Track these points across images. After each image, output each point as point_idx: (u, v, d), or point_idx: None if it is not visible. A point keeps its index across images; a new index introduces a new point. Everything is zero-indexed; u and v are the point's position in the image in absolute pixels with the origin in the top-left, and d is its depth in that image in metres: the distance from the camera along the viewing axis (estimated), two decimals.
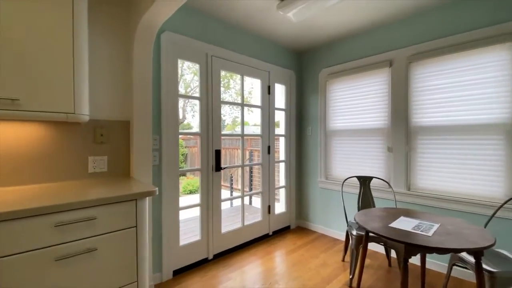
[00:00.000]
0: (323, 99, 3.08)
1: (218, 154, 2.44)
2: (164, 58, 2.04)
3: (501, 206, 1.73)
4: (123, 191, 1.31)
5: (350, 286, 1.98)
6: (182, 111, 10.29)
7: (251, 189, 5.21)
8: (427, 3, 2.13)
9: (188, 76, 9.89)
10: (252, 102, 6.17)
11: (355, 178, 2.74)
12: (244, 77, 2.71)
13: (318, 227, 3.16)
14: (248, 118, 10.44)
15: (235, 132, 8.47)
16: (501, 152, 1.92)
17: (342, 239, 2.88)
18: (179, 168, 2.17)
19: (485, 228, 1.66)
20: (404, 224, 1.58)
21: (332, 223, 3.02)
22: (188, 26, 2.20)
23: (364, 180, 2.40)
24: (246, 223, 2.75)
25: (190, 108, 10.64)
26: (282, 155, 3.27)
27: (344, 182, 2.52)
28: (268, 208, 2.99)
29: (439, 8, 2.19)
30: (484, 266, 1.46)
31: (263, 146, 2.95)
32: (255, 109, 2.96)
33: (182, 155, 8.42)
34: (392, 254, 2.44)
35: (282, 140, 3.27)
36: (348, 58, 2.85)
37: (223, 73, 2.50)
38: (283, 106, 3.19)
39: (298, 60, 3.34)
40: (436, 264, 2.24)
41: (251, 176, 5.26)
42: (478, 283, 1.39)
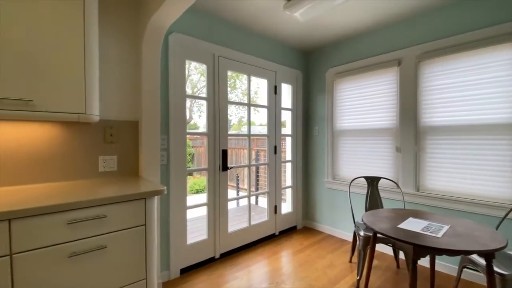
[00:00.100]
0: (330, 99, 3.06)
1: (225, 154, 2.45)
2: (172, 59, 2.06)
3: None
4: (132, 190, 1.33)
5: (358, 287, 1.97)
6: (189, 111, 10.37)
7: (257, 189, 5.22)
8: (438, 1, 2.10)
9: (195, 77, 9.96)
10: (258, 102, 6.18)
11: (363, 179, 2.71)
12: (250, 77, 2.72)
13: (325, 227, 3.15)
14: (254, 118, 10.47)
15: (241, 132, 8.50)
16: None
17: (349, 240, 2.86)
18: (186, 167, 2.19)
19: (496, 230, 1.62)
20: (413, 225, 1.56)
21: (339, 223, 3.00)
22: (195, 27, 2.22)
23: (372, 181, 2.38)
24: (252, 223, 2.76)
25: (196, 108, 10.71)
26: (288, 155, 3.27)
27: (351, 182, 2.51)
28: (275, 208, 2.99)
29: (451, 6, 2.16)
30: (495, 268, 1.43)
31: (270, 146, 2.96)
32: (261, 109, 2.96)
33: (189, 154, 8.49)
34: (401, 256, 2.41)
35: (288, 140, 3.26)
36: (355, 57, 2.83)
37: (229, 73, 2.51)
38: (290, 106, 3.19)
39: (305, 59, 3.33)
40: (445, 266, 2.20)
41: (257, 176, 5.27)
42: (489, 286, 1.36)
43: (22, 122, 1.45)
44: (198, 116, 10.72)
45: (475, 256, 1.57)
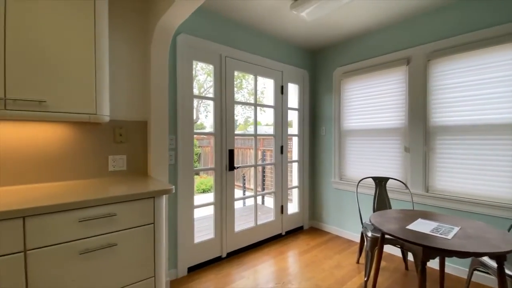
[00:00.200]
0: (337, 98, 3.04)
1: (231, 153, 2.46)
2: (179, 60, 2.08)
3: None
4: (141, 189, 1.35)
5: None
6: (196, 112, 10.45)
7: (264, 189, 5.22)
8: None
9: (202, 77, 10.03)
10: (265, 102, 6.18)
11: (370, 179, 2.69)
12: (257, 77, 2.73)
13: (331, 228, 3.13)
14: (260, 118, 10.45)
15: (247, 132, 8.52)
16: None
17: (357, 240, 2.84)
18: (193, 167, 2.21)
19: (508, 231, 1.59)
20: (422, 226, 1.54)
21: (346, 224, 2.98)
22: (202, 27, 2.24)
23: (380, 181, 2.36)
24: (259, 223, 2.77)
25: (203, 109, 10.79)
26: (295, 155, 3.26)
27: (359, 182, 2.48)
28: (281, 208, 2.99)
29: (461, 2, 2.12)
30: (507, 271, 1.40)
31: (276, 146, 2.96)
32: (267, 109, 2.97)
33: (196, 154, 8.55)
34: (409, 258, 2.38)
35: (295, 140, 3.25)
36: (363, 56, 2.80)
37: (236, 73, 2.52)
38: (296, 106, 3.18)
39: (312, 59, 3.32)
40: (455, 268, 2.16)
41: (264, 176, 5.27)
42: None
43: (35, 122, 1.49)
44: (204, 116, 10.80)
45: (486, 258, 1.54)
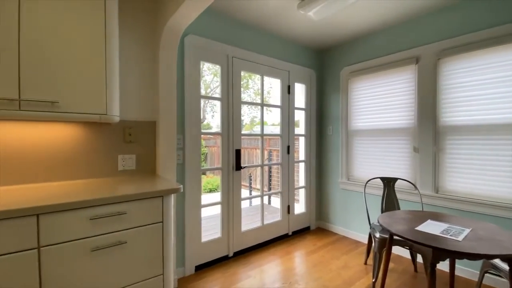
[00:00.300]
0: (345, 98, 3.02)
1: (238, 153, 2.47)
2: (187, 61, 2.10)
3: None
4: (150, 188, 1.37)
5: None
6: (202, 112, 10.51)
7: (270, 188, 5.22)
8: None
9: (208, 77, 10.08)
10: (271, 102, 6.17)
11: (378, 179, 2.66)
12: (263, 77, 2.73)
13: (338, 228, 3.11)
14: (266, 117, 10.42)
15: (253, 132, 8.53)
16: None
17: (364, 241, 2.82)
18: (200, 167, 2.23)
19: None
20: (432, 227, 1.52)
21: (353, 225, 2.95)
22: (210, 28, 2.26)
23: (389, 182, 2.33)
24: (265, 223, 2.77)
25: (209, 109, 10.85)
26: (302, 155, 3.25)
27: (367, 183, 2.46)
28: (288, 208, 2.99)
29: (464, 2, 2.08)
30: None
31: (283, 146, 2.95)
32: (273, 108, 2.97)
33: (203, 154, 8.61)
34: (419, 259, 2.34)
35: (302, 139, 3.24)
36: (371, 55, 2.77)
37: (242, 73, 2.53)
38: (303, 106, 3.17)
39: (319, 58, 3.30)
40: (466, 271, 2.12)
41: (270, 176, 5.27)
42: None
43: (47, 122, 1.53)
44: (211, 116, 10.86)
45: (497, 261, 1.50)
